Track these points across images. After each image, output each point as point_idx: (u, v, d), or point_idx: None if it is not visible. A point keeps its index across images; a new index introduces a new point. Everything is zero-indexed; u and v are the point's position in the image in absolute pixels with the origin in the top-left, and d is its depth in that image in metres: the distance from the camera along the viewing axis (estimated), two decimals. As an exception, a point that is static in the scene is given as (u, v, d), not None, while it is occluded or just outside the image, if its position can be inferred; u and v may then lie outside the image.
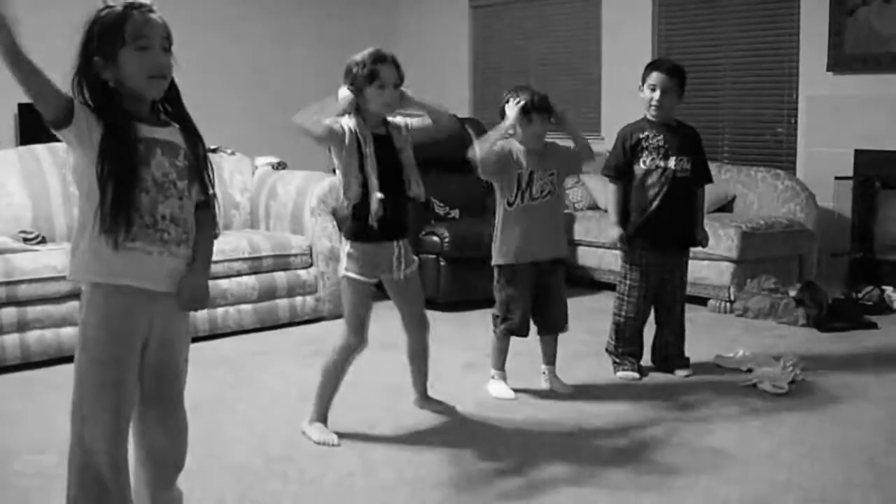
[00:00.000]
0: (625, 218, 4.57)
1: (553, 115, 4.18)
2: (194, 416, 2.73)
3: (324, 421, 3.74)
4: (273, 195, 6.20)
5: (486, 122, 7.20)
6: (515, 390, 4.31)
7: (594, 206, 7.34)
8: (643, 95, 4.51)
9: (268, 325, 5.60)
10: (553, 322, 4.34)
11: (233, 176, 6.32)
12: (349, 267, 3.68)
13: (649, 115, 4.52)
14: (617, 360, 4.64)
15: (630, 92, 4.61)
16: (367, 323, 3.72)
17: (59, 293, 4.77)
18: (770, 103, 7.38)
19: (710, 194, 6.77)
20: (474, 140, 4.28)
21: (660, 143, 4.47)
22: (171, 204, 2.40)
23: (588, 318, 5.62)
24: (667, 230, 4.51)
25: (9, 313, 4.65)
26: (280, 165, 6.60)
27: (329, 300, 5.80)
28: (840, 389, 4.37)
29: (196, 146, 2.49)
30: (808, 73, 7.01)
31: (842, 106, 6.80)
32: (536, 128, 4.15)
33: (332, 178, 5.93)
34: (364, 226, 3.62)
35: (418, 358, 4.02)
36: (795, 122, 7.17)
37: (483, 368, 4.46)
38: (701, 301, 6.13)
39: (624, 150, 4.53)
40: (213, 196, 2.58)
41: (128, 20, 2.30)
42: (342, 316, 3.76)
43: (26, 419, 3.96)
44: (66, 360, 4.71)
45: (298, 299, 5.76)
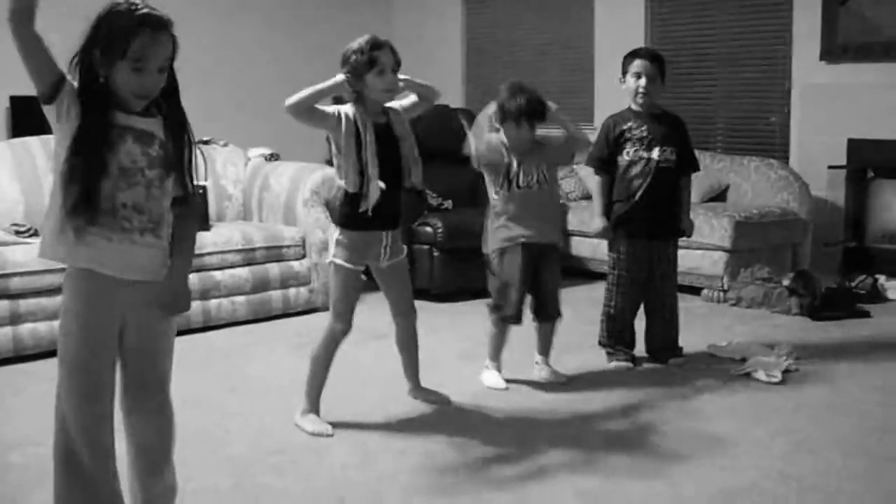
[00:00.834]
0: (611, 208, 4.57)
1: (541, 120, 4.17)
2: (187, 408, 2.73)
3: (316, 411, 3.74)
4: (266, 186, 6.19)
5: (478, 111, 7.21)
6: (510, 380, 4.31)
7: (587, 197, 7.33)
8: (627, 85, 4.50)
9: (261, 316, 5.59)
10: (546, 310, 4.34)
11: (225, 167, 6.31)
12: (337, 253, 3.68)
13: (635, 104, 4.51)
14: (610, 351, 4.65)
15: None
16: (353, 309, 3.72)
17: (51, 286, 4.75)
18: (763, 93, 7.38)
19: (704, 184, 6.80)
20: (468, 132, 4.28)
21: (643, 134, 4.47)
22: (135, 192, 2.36)
23: (582, 307, 5.62)
24: (651, 221, 4.50)
25: (1, 306, 4.64)
26: (273, 157, 6.59)
27: (322, 291, 5.79)
28: (833, 378, 4.38)
29: (180, 139, 2.46)
30: (801, 63, 7.01)
31: (835, 95, 6.80)
32: (524, 133, 4.15)
33: (325, 170, 5.93)
34: (356, 213, 3.61)
35: (408, 346, 4.02)
36: (789, 112, 7.17)
37: (477, 358, 4.46)
38: (694, 291, 6.14)
39: (608, 141, 4.53)
40: (192, 191, 2.54)
41: (135, 38, 2.26)
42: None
43: (19, 412, 3.95)
44: (59, 352, 4.71)
45: (292, 290, 5.76)
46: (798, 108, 7.08)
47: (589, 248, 6.80)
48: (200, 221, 2.62)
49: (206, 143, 6.29)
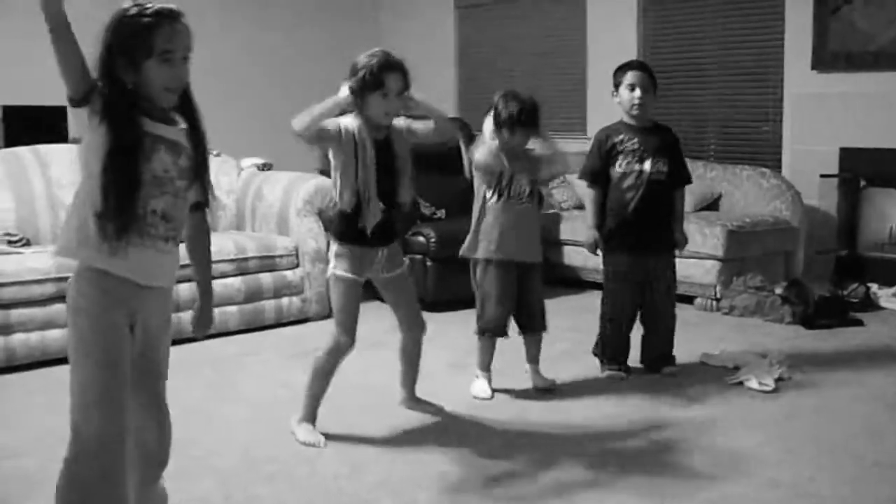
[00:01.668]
0: (604, 221, 4.57)
1: (537, 130, 4.17)
2: (180, 416, 2.72)
3: (312, 421, 3.73)
4: (259, 196, 6.19)
5: (472, 122, 7.22)
6: (501, 389, 4.31)
7: (580, 206, 7.33)
8: (621, 98, 4.48)
9: (254, 326, 5.58)
10: (531, 323, 4.35)
11: (218, 177, 6.29)
12: (337, 265, 3.68)
13: (629, 117, 4.49)
14: (603, 361, 4.64)
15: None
16: (357, 321, 3.71)
17: (43, 296, 4.75)
18: (755, 102, 7.39)
19: (696, 193, 6.81)
20: (461, 141, 4.29)
21: (635, 147, 4.46)
22: (164, 200, 2.40)
23: (574, 316, 5.62)
24: (645, 233, 4.49)
25: (-7, 316, 4.63)
26: (266, 166, 6.59)
27: (315, 301, 5.79)
28: (826, 386, 4.38)
29: (199, 146, 2.50)
30: (792, 72, 7.02)
31: (826, 104, 6.82)
32: (517, 139, 4.15)
33: (318, 179, 5.93)
34: (352, 229, 3.61)
35: (411, 358, 4.01)
36: (780, 121, 7.18)
37: (469, 368, 4.46)
38: (687, 299, 6.14)
39: (600, 154, 4.53)
40: (213, 198, 2.59)
41: (157, 31, 2.30)
42: (329, 316, 3.76)
43: (9, 423, 3.94)
44: (50, 363, 4.71)
45: (285, 300, 5.75)
46: (790, 117, 7.09)
47: (581, 258, 6.79)
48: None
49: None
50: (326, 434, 3.69)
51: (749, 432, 3.77)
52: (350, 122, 3.57)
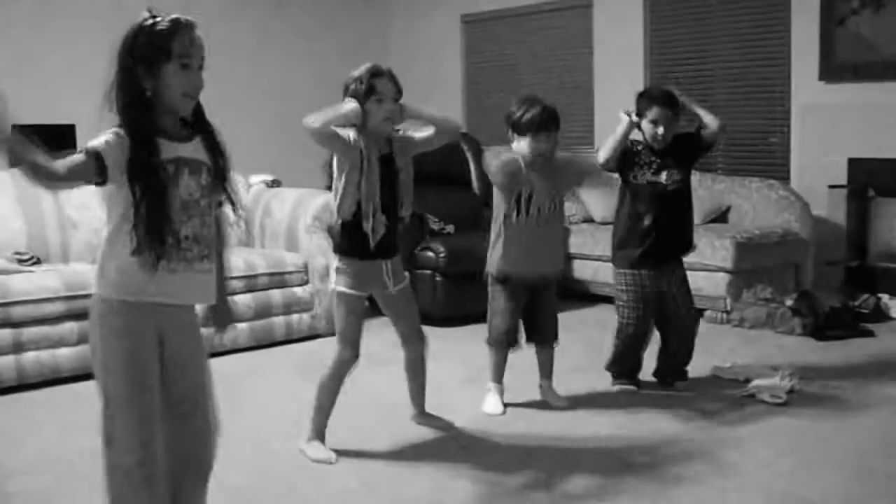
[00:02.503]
0: (618, 234, 4.56)
1: (556, 130, 4.15)
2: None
3: (321, 439, 3.73)
4: (268, 213, 6.20)
5: (479, 136, 7.23)
6: (513, 404, 4.31)
7: (589, 220, 7.34)
8: (644, 128, 4.41)
9: (264, 343, 5.58)
10: (543, 335, 4.35)
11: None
12: (339, 281, 3.68)
13: (651, 143, 4.47)
14: (615, 375, 4.63)
15: (622, 104, 4.58)
16: (360, 337, 3.71)
17: (54, 314, 4.76)
18: (763, 113, 7.39)
19: (705, 205, 6.82)
20: (469, 155, 4.28)
21: (651, 159, 4.45)
22: (193, 224, 2.46)
23: (584, 330, 5.62)
24: (660, 245, 4.46)
25: (4, 335, 4.63)
26: (274, 183, 6.60)
27: (325, 317, 5.79)
28: (838, 398, 4.37)
29: (218, 160, 2.55)
30: (799, 83, 7.02)
31: (834, 115, 6.81)
32: (542, 145, 4.11)
33: (326, 196, 5.93)
34: (353, 242, 3.62)
35: (416, 373, 4.01)
36: (788, 132, 7.18)
37: (480, 383, 4.45)
38: (697, 312, 6.12)
39: (623, 150, 4.49)
40: (239, 210, 2.67)
41: (175, 36, 2.38)
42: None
43: (21, 440, 3.94)
44: (61, 381, 4.73)
45: (294, 317, 5.76)
46: (798, 128, 7.09)
47: (590, 271, 6.80)
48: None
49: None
50: (337, 451, 3.69)
51: (761, 445, 3.75)
52: (354, 136, 3.59)
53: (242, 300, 5.47)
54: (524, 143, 4.13)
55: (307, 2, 9.34)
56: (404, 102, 3.65)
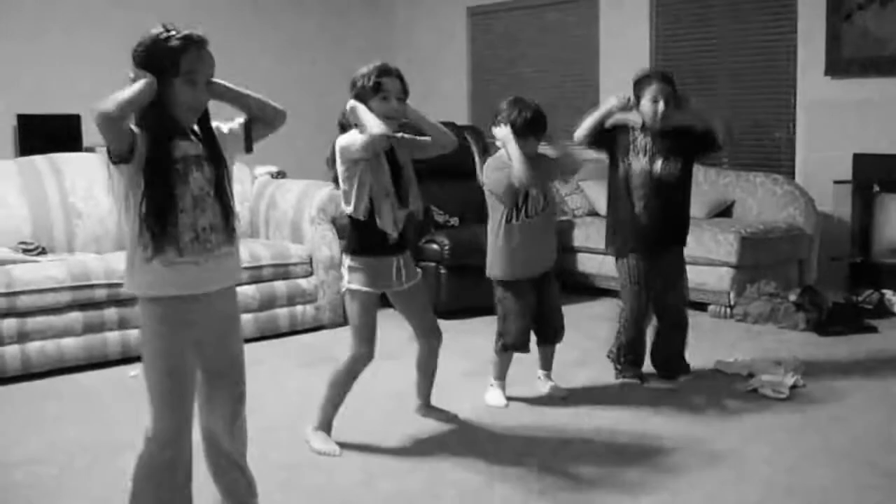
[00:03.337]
0: (616, 222, 4.57)
1: (544, 133, 4.16)
2: (194, 425, 2.74)
3: (327, 430, 3.74)
4: (273, 204, 6.20)
5: (485, 129, 7.22)
6: (514, 397, 4.32)
7: (593, 213, 7.34)
8: (643, 111, 4.41)
9: (268, 334, 5.59)
10: (549, 333, 4.36)
11: (232, 185, 6.31)
12: (353, 279, 3.68)
13: (651, 124, 4.46)
14: (618, 367, 4.64)
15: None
16: (375, 334, 3.72)
17: (59, 304, 4.77)
18: (768, 108, 7.38)
19: (709, 199, 6.82)
20: (475, 151, 4.27)
21: (647, 145, 4.44)
22: (208, 215, 2.57)
23: (588, 324, 5.62)
24: (657, 233, 4.47)
25: (9, 324, 4.65)
26: (279, 174, 6.61)
27: (329, 308, 5.80)
28: (840, 393, 4.38)
29: (219, 165, 2.64)
30: (805, 78, 7.02)
31: (840, 110, 6.80)
32: (529, 148, 4.11)
33: (331, 187, 5.93)
34: (365, 240, 3.63)
35: (427, 367, 4.02)
36: (794, 127, 7.17)
37: (483, 376, 4.46)
38: (701, 306, 6.13)
39: (615, 128, 4.49)
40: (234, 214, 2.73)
41: (185, 53, 2.49)
42: (343, 324, 3.76)
43: (25, 431, 3.96)
44: (66, 370, 4.75)
45: (298, 308, 5.76)
46: (803, 123, 7.08)
47: (594, 265, 6.79)
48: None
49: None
50: (341, 443, 3.70)
51: (763, 440, 3.76)
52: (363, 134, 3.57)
53: (247, 291, 5.47)
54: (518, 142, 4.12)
55: (313, -6, 9.35)
56: (409, 104, 3.65)
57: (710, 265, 6.14)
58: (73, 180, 5.62)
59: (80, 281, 4.82)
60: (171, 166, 2.49)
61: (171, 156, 2.50)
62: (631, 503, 3.17)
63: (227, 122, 2.73)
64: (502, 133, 4.13)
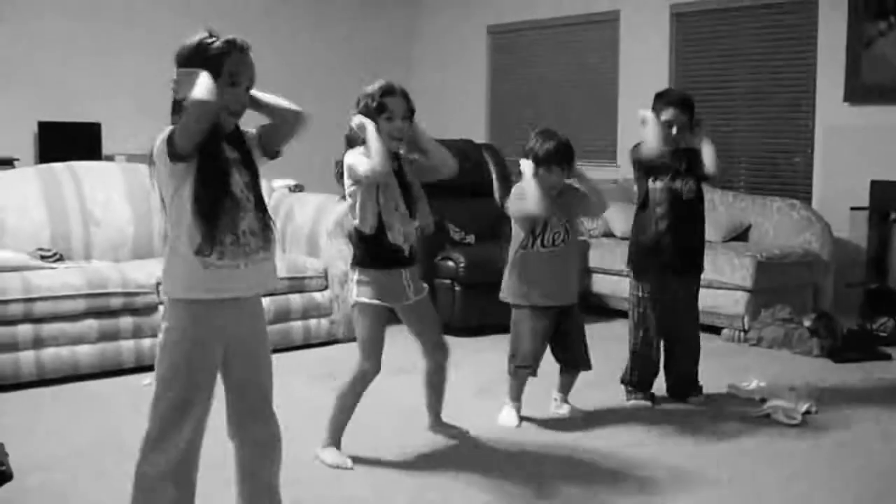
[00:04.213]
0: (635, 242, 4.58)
1: (571, 167, 4.18)
2: (206, 438, 2.74)
3: (337, 445, 3.75)
4: (290, 217, 6.22)
5: (504, 147, 7.24)
6: (527, 417, 4.31)
7: (609, 234, 7.33)
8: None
9: (281, 347, 5.58)
10: (575, 362, 4.37)
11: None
12: (361, 293, 3.69)
13: (658, 145, 4.45)
14: (629, 388, 4.63)
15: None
16: (382, 348, 3.72)
17: (75, 311, 4.80)
18: (786, 133, 7.38)
19: (726, 223, 6.80)
20: (492, 166, 4.27)
21: (667, 163, 4.46)
22: (248, 218, 2.61)
23: (602, 345, 5.59)
24: (676, 253, 4.48)
25: (25, 330, 4.68)
26: (297, 188, 6.63)
27: (343, 323, 5.80)
28: (853, 420, 4.36)
29: (253, 170, 2.69)
30: (824, 104, 7.01)
31: (858, 137, 6.80)
32: (554, 178, 4.15)
33: (349, 202, 5.95)
34: (373, 253, 3.64)
35: (436, 383, 4.02)
36: (812, 153, 7.17)
37: (496, 394, 4.46)
38: (715, 330, 6.12)
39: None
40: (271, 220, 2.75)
41: (228, 57, 2.55)
42: (356, 341, 3.76)
43: (39, 437, 3.97)
44: (80, 378, 4.77)
45: (313, 321, 5.78)
46: (821, 149, 7.08)
47: (609, 286, 6.79)
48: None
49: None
50: (352, 457, 3.70)
51: (774, 466, 3.75)
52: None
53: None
54: (539, 174, 4.15)
55: (334, 10, 9.39)
56: (417, 123, 3.66)
57: (725, 289, 6.13)
58: (93, 188, 5.65)
59: (97, 289, 4.85)
60: (222, 167, 2.54)
61: (224, 155, 2.55)
62: (641, 525, 3.17)
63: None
64: (523, 165, 4.18)
